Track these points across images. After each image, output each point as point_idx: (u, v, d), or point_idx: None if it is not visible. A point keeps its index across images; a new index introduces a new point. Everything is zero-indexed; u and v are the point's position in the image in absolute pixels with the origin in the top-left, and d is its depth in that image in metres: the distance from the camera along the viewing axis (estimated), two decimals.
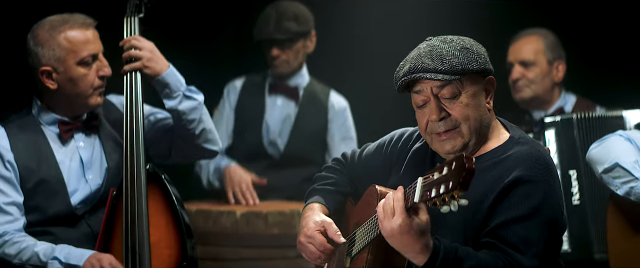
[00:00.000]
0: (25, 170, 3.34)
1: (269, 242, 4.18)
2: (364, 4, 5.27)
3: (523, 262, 2.60)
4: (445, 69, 2.69)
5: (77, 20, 3.37)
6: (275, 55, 4.64)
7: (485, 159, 2.76)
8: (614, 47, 4.97)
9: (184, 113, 3.50)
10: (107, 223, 3.34)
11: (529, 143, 2.78)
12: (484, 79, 2.77)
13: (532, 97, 4.52)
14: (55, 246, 3.28)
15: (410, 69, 2.73)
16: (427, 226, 2.51)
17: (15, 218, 3.31)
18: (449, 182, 2.37)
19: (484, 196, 2.68)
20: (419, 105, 2.78)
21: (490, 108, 2.80)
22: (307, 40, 4.68)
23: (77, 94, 3.38)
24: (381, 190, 2.86)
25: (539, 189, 2.66)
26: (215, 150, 3.66)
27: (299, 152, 4.72)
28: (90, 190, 3.43)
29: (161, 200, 3.36)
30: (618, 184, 3.37)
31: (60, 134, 3.42)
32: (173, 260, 3.33)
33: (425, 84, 2.74)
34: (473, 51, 2.74)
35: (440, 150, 2.79)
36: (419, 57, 2.74)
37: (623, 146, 3.43)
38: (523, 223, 2.63)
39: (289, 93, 4.74)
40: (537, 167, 2.69)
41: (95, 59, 3.38)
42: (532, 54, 4.50)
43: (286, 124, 4.73)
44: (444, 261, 2.54)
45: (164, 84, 3.48)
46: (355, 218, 3.00)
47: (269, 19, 4.60)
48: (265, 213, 4.20)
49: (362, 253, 2.82)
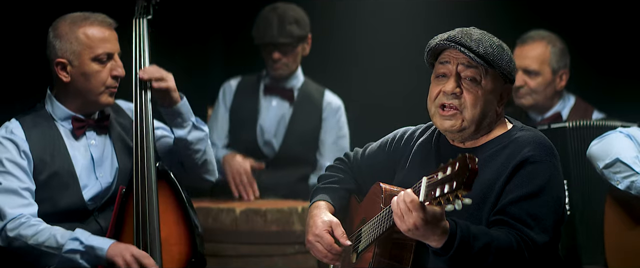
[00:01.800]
0: (39, 162, 3.38)
1: (267, 239, 4.23)
2: (362, 6, 5.32)
3: (534, 237, 2.72)
4: (479, 52, 2.81)
5: (98, 18, 3.44)
6: (276, 59, 4.68)
7: (491, 146, 2.88)
8: (616, 50, 4.97)
9: (192, 143, 3.57)
10: (117, 220, 3.38)
11: (532, 130, 2.93)
12: (504, 84, 2.89)
13: (533, 104, 4.51)
14: (71, 232, 3.29)
15: (449, 36, 2.85)
16: (442, 213, 2.60)
17: (30, 203, 3.33)
18: (453, 182, 2.45)
19: (495, 178, 2.80)
20: (439, 75, 2.88)
21: (499, 112, 2.92)
22: (305, 43, 4.74)
23: (89, 90, 3.43)
24: (386, 188, 2.95)
25: (545, 169, 2.79)
26: (211, 181, 3.74)
27: (293, 152, 4.77)
28: (101, 188, 3.47)
29: (171, 197, 3.42)
30: (619, 179, 3.43)
31: (72, 130, 3.47)
32: (183, 256, 3.38)
33: (454, 57, 2.85)
34: (507, 53, 2.88)
35: (439, 125, 2.90)
36: (459, 32, 2.86)
37: (623, 142, 3.48)
38: (531, 200, 2.75)
39: (284, 94, 4.79)
40: (542, 149, 2.83)
41: (111, 58, 3.44)
42: (538, 64, 4.43)
43: (281, 125, 4.78)
44: (461, 240, 2.64)
45: (177, 113, 3.54)
46: (361, 215, 3.08)
47: (271, 23, 4.64)
48: (264, 211, 4.25)
49: (369, 248, 2.91)
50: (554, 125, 4.08)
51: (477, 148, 2.91)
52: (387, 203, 2.87)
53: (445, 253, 2.65)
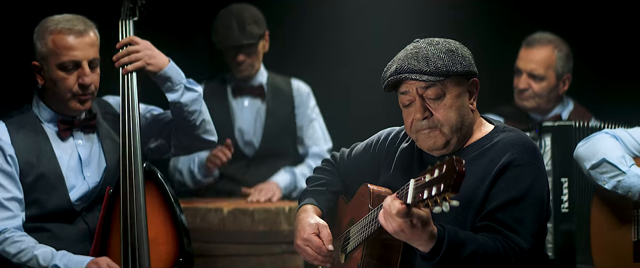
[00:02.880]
0: (26, 165, 3.39)
1: (255, 239, 4.23)
2: (351, 5, 5.32)
3: (520, 242, 2.73)
4: (430, 71, 2.80)
5: (69, 25, 3.41)
6: (241, 61, 4.65)
7: (472, 150, 2.88)
8: (618, 54, 4.96)
9: (186, 105, 3.57)
10: (104, 221, 3.38)
11: (514, 131, 2.91)
12: (468, 81, 2.88)
13: (535, 107, 4.48)
14: (56, 252, 3.31)
15: (396, 69, 2.83)
16: (428, 217, 2.60)
17: (14, 215, 3.35)
18: (441, 184, 2.44)
19: (479, 183, 2.80)
20: (405, 105, 2.88)
21: (473, 109, 2.91)
22: (264, 41, 4.73)
23: (58, 95, 3.44)
24: (373, 189, 2.96)
25: (528, 172, 2.79)
26: (213, 141, 3.74)
27: (273, 147, 4.77)
28: (88, 188, 3.47)
29: (158, 197, 3.42)
30: (606, 179, 3.44)
31: (58, 131, 3.47)
32: (170, 256, 3.38)
33: (411, 85, 2.84)
34: (458, 54, 2.85)
35: (424, 146, 2.90)
36: (405, 58, 2.84)
37: (609, 142, 3.49)
38: (517, 205, 2.76)
39: (254, 92, 4.77)
40: (525, 151, 2.82)
41: (78, 66, 3.41)
42: (543, 68, 4.40)
43: (258, 122, 4.77)
44: (449, 246, 2.64)
45: (166, 77, 3.53)
46: (349, 216, 3.09)
47: (230, 26, 4.62)
48: (252, 210, 4.25)
49: (358, 249, 2.91)
50: (560, 123, 4.08)
51: (460, 151, 2.90)
52: (375, 204, 2.87)
53: (433, 258, 2.65)
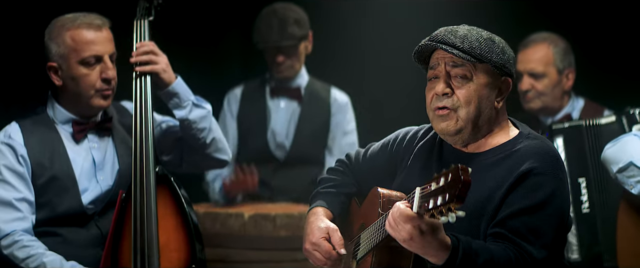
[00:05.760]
0: (38, 166, 3.37)
1: (276, 245, 4.18)
2: (369, 4, 5.28)
3: (532, 252, 2.63)
4: (463, 48, 2.73)
5: (87, 20, 3.40)
6: (280, 62, 4.66)
7: (494, 154, 2.79)
8: (623, 49, 4.94)
9: (194, 122, 3.54)
10: (116, 225, 3.35)
11: (538, 138, 2.81)
12: (500, 77, 2.79)
13: (542, 107, 4.45)
14: (65, 262, 3.29)
15: (432, 36, 2.79)
16: (439, 224, 2.51)
17: (24, 216, 3.33)
18: (446, 194, 2.37)
19: (496, 188, 2.71)
20: (430, 79, 2.82)
21: (498, 108, 2.81)
22: (307, 42, 4.72)
23: (80, 94, 3.41)
24: (384, 193, 2.89)
25: (548, 182, 2.69)
26: (225, 160, 3.70)
27: (303, 152, 4.75)
28: (101, 191, 3.45)
29: (170, 202, 3.38)
30: (632, 183, 3.35)
31: (73, 133, 3.46)
32: (182, 262, 3.34)
33: (441, 58, 2.78)
34: (498, 46, 2.78)
35: (437, 127, 2.82)
36: (444, 31, 2.79)
37: (638, 145, 3.39)
38: (532, 214, 2.66)
39: (291, 94, 4.78)
40: (548, 160, 2.72)
41: (100, 60, 3.40)
42: (542, 65, 4.40)
43: (291, 125, 4.76)
44: (463, 257, 2.56)
45: (173, 93, 3.51)
46: (361, 220, 3.02)
47: (271, 26, 4.62)
48: (273, 216, 4.20)
49: (367, 256, 2.85)
50: (570, 124, 4.03)
51: (480, 154, 2.82)
52: (385, 209, 2.80)
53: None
